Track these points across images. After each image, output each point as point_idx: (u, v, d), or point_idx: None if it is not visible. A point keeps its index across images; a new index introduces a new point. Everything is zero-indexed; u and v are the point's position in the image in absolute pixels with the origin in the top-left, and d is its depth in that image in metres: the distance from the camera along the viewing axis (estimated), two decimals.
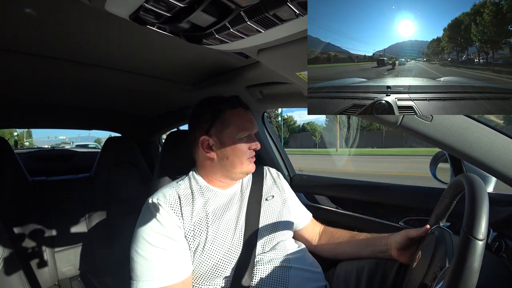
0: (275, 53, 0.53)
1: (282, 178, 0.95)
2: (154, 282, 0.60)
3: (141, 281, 0.60)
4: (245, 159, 0.75)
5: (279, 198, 0.87)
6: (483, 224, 0.39)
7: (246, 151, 0.75)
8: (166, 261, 0.62)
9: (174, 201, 0.68)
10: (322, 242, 0.91)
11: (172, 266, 0.62)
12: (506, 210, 0.69)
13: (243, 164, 0.75)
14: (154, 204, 0.68)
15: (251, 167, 0.78)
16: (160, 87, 1.14)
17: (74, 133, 71.44)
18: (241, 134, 0.74)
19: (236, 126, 0.74)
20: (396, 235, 0.73)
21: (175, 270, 0.62)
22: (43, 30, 0.64)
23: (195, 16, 0.38)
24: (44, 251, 1.29)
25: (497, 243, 0.62)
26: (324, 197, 1.26)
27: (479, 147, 0.57)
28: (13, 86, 1.05)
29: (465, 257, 0.38)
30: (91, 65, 0.87)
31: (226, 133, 0.74)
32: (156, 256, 0.62)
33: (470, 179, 0.46)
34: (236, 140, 0.74)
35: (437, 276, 0.47)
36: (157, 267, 0.61)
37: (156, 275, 0.60)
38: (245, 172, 0.77)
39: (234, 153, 0.74)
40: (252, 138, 0.78)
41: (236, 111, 0.76)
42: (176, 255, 0.63)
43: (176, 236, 0.65)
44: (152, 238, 0.63)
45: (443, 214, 0.64)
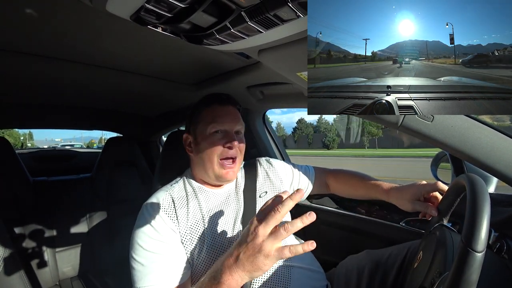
0: (276, 53, 0.53)
1: (274, 164, 0.92)
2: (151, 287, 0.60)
3: (139, 287, 0.60)
4: (216, 159, 0.71)
5: (272, 193, 0.85)
6: (482, 235, 0.38)
7: (217, 149, 0.71)
8: (162, 266, 0.62)
9: (168, 205, 0.68)
10: (334, 187, 0.97)
11: (168, 271, 0.62)
12: (508, 211, 0.68)
13: (214, 165, 0.71)
14: (148, 210, 0.68)
15: (224, 173, 0.72)
16: (160, 87, 1.14)
17: (70, 135, 72.88)
18: (210, 127, 0.72)
19: (206, 120, 0.74)
20: (407, 193, 0.72)
21: (171, 275, 0.62)
22: (44, 30, 0.64)
23: (196, 16, 0.38)
24: (45, 251, 1.29)
25: (499, 243, 0.62)
26: (325, 198, 1.26)
27: (480, 148, 0.57)
28: (14, 86, 1.06)
29: (463, 269, 0.37)
30: (91, 65, 0.87)
31: (198, 129, 0.75)
32: (151, 261, 0.62)
33: (471, 182, 0.45)
34: (206, 135, 0.73)
35: (435, 282, 0.47)
36: (152, 273, 0.61)
37: (152, 280, 0.60)
38: (218, 177, 0.72)
39: (205, 150, 0.72)
40: (229, 136, 0.73)
41: (211, 107, 0.76)
42: (171, 260, 0.63)
43: (170, 241, 0.64)
44: (146, 244, 0.63)
45: (446, 211, 0.63)
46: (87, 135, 68.33)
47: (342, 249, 1.03)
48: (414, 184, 0.73)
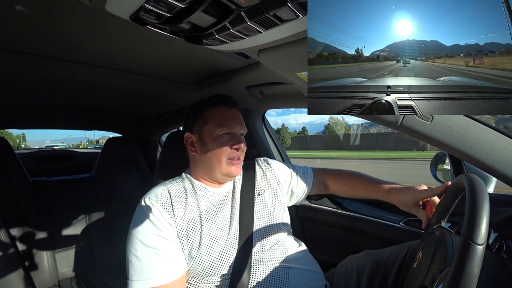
0: (275, 53, 0.53)
1: (272, 164, 0.93)
2: (147, 281, 0.60)
3: (135, 281, 0.60)
4: (224, 159, 0.73)
5: (269, 192, 0.86)
6: (483, 228, 0.38)
7: (225, 150, 0.73)
8: (159, 261, 0.62)
9: (165, 200, 0.68)
10: (333, 188, 0.96)
11: (165, 265, 0.62)
12: (507, 211, 0.68)
13: (222, 164, 0.73)
14: (146, 204, 0.68)
15: (233, 169, 0.74)
16: (160, 87, 1.14)
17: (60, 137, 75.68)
18: (219, 130, 0.74)
19: (215, 122, 0.74)
20: (407, 196, 0.72)
21: (168, 269, 0.62)
22: (44, 30, 0.64)
23: (195, 16, 0.38)
24: (44, 252, 1.29)
25: (498, 243, 0.62)
26: (324, 198, 1.26)
27: (479, 148, 0.57)
28: (13, 86, 1.06)
29: (464, 262, 0.37)
30: (91, 65, 0.87)
31: (205, 130, 0.75)
32: (149, 255, 0.62)
33: (471, 180, 0.46)
34: (214, 136, 0.74)
35: (436, 279, 0.47)
36: (150, 267, 0.61)
37: (150, 274, 0.61)
38: (226, 174, 0.75)
39: (213, 150, 0.73)
40: (236, 138, 0.75)
41: (217, 108, 0.76)
42: (169, 254, 0.64)
43: (168, 235, 0.65)
44: (144, 238, 0.63)
45: (445, 213, 0.63)
46: (76, 137, 69.67)
47: (342, 249, 1.03)
48: (412, 188, 0.73)
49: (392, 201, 0.77)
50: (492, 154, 0.57)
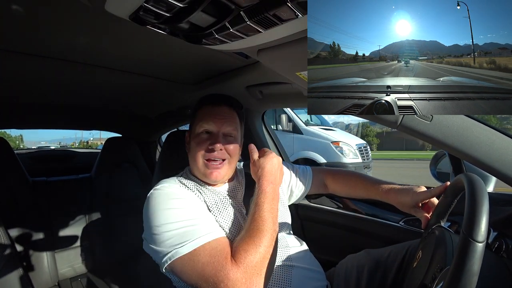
0: (275, 53, 0.53)
1: None
2: (203, 237, 0.56)
3: (189, 242, 0.56)
4: (200, 159, 0.71)
5: None
6: (483, 226, 0.39)
7: (201, 150, 0.71)
8: (205, 219, 0.62)
9: (177, 187, 0.70)
10: (332, 187, 0.97)
11: (211, 222, 0.63)
12: (506, 210, 0.68)
13: (199, 165, 0.71)
14: (163, 188, 0.67)
15: (208, 172, 0.70)
16: (160, 87, 1.14)
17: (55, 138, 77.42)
18: (198, 127, 0.74)
19: (198, 120, 0.75)
20: (406, 198, 0.73)
21: (215, 225, 0.63)
22: (43, 30, 0.64)
23: (195, 16, 0.38)
24: (44, 252, 1.29)
25: (498, 242, 0.62)
26: (324, 197, 1.26)
27: (479, 147, 0.57)
28: (13, 86, 1.05)
29: (465, 259, 0.38)
30: (91, 65, 0.87)
31: (192, 128, 0.78)
32: (193, 218, 0.60)
33: (470, 179, 0.46)
34: (195, 134, 0.74)
35: (436, 277, 0.47)
36: (201, 224, 0.59)
37: (205, 230, 0.58)
38: (204, 175, 0.72)
39: (192, 149, 0.74)
40: (214, 137, 0.72)
41: (204, 106, 0.77)
42: (208, 216, 0.65)
43: (200, 206, 0.67)
44: (179, 202, 0.63)
45: (444, 213, 0.64)
46: (71, 137, 70.44)
47: (342, 249, 1.03)
48: (411, 189, 0.73)
49: (391, 201, 0.77)
50: (491, 154, 0.57)
